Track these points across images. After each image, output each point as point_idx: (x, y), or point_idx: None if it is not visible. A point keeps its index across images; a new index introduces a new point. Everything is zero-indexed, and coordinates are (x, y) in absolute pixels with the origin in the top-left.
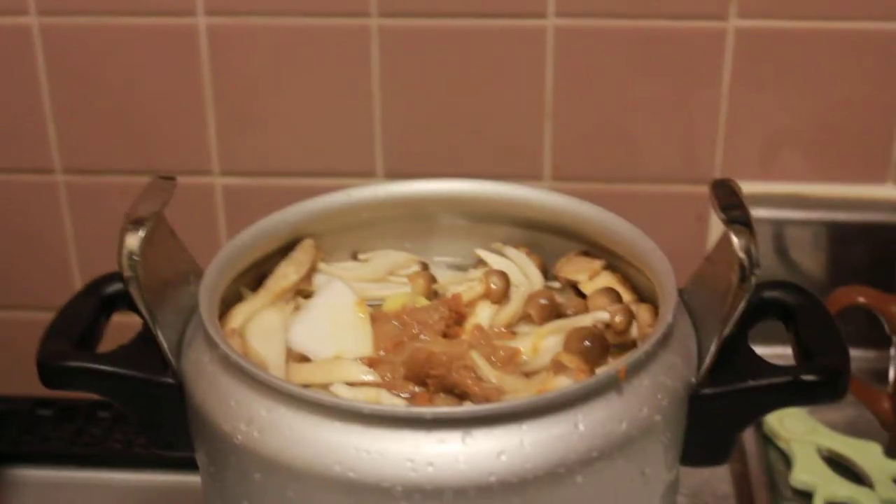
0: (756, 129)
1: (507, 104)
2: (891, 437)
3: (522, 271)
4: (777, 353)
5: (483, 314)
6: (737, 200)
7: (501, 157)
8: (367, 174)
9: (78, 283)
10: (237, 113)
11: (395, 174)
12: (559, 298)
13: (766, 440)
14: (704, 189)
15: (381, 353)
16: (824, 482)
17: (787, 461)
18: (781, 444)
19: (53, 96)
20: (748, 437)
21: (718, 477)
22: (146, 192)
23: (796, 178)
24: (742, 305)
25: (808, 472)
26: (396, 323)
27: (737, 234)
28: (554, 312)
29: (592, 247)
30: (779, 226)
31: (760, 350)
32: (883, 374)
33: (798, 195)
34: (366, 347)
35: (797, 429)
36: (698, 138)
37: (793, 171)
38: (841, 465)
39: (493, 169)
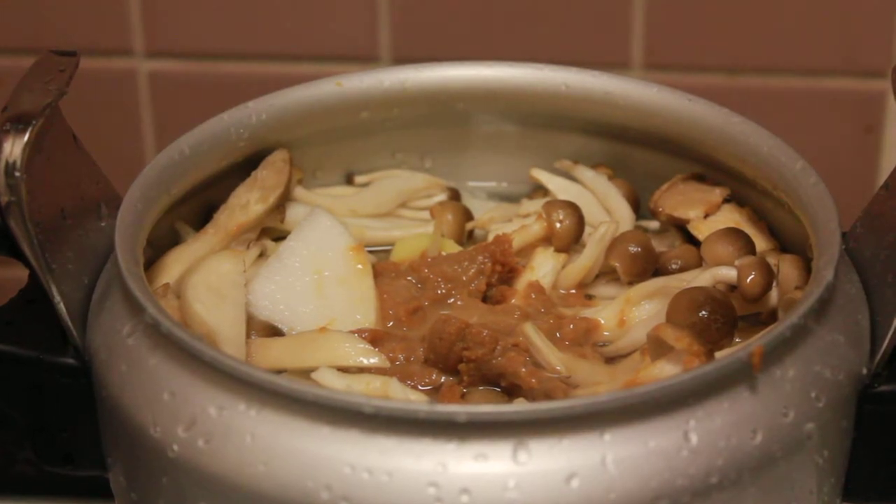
0: None
1: None
2: None
3: (602, 203)
4: None
5: (543, 268)
6: None
7: (569, 35)
8: (366, 58)
9: None
10: None
11: (407, 58)
12: (659, 245)
13: None
14: (876, 85)
15: (390, 323)
16: None
17: None
18: None
19: None
20: None
21: None
22: (32, 76)
23: None
24: None
25: None
26: (412, 279)
27: None
28: (651, 266)
29: (709, 167)
30: None
31: None
32: None
33: None
34: (366, 315)
35: None
36: (865, 8)
37: None
38: None
39: (556, 52)
